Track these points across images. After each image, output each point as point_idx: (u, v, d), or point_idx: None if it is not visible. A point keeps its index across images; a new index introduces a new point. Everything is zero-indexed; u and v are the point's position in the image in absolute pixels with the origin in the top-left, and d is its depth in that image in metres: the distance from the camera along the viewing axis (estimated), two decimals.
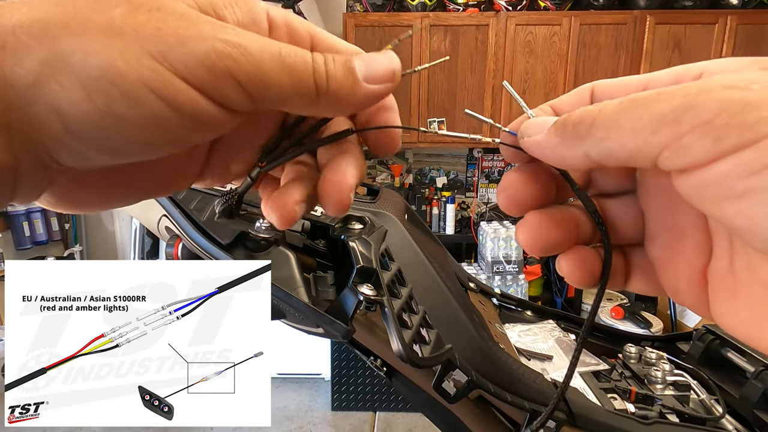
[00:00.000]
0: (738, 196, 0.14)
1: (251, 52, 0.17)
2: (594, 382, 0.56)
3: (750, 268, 0.17)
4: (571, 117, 0.18)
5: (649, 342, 0.70)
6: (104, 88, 0.16)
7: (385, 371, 0.52)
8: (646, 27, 2.60)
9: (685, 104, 0.14)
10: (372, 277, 0.37)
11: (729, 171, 0.14)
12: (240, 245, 0.39)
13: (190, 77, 0.17)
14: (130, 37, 0.16)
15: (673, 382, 0.57)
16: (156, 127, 0.17)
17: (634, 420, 0.45)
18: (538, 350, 0.62)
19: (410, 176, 3.21)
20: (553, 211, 0.22)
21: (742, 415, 0.55)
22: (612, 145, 0.16)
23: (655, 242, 0.21)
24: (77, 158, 0.18)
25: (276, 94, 0.18)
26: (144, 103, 0.16)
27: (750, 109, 0.13)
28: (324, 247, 0.46)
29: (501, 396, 0.42)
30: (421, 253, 0.49)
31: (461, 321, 0.46)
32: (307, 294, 0.38)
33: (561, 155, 0.19)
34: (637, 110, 0.16)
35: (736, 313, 0.18)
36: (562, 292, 2.81)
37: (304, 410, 2.27)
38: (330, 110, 0.20)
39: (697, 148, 0.14)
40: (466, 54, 2.71)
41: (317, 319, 0.36)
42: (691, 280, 0.20)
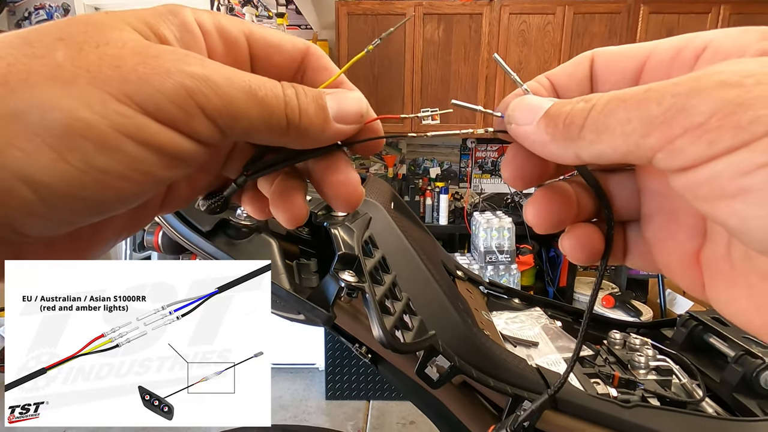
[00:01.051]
0: (731, 196, 0.14)
1: (220, 85, 0.17)
2: (578, 368, 0.57)
3: (748, 258, 0.17)
4: (561, 113, 0.18)
5: (634, 328, 0.71)
6: (76, 144, 0.14)
7: (370, 358, 0.52)
8: (640, 16, 2.59)
9: (676, 106, 0.14)
10: (354, 263, 0.37)
11: (721, 171, 0.13)
12: (221, 232, 0.38)
13: (161, 116, 0.16)
14: (87, 81, 0.15)
15: (656, 367, 0.58)
16: (140, 173, 0.16)
17: (616, 404, 0.46)
18: (525, 337, 0.63)
19: (404, 167, 3.21)
20: (557, 187, 0.22)
21: (722, 398, 0.56)
22: (604, 148, 0.16)
23: (649, 223, 0.21)
24: (50, 226, 0.16)
25: (245, 126, 0.18)
26: (124, 152, 0.15)
27: (743, 109, 0.13)
28: (308, 235, 0.46)
29: (484, 381, 0.42)
30: (405, 240, 0.49)
31: (445, 308, 0.46)
32: (289, 281, 0.38)
33: (551, 152, 0.18)
34: (626, 112, 0.15)
35: (734, 301, 0.18)
36: (554, 282, 2.83)
37: (299, 399, 2.28)
38: (296, 143, 0.20)
39: (691, 150, 0.14)
40: (460, 43, 2.69)
41: (298, 306, 0.35)
42: (683, 263, 0.20)
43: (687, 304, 2.39)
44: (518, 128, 0.19)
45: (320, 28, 2.92)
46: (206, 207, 0.23)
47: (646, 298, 2.72)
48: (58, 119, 0.14)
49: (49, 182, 0.14)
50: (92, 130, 0.15)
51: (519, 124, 0.19)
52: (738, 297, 0.17)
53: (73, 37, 0.15)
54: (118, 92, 0.15)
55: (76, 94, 0.14)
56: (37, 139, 0.14)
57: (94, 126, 0.15)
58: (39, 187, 0.14)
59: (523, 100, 0.20)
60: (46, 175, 0.14)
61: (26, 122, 0.14)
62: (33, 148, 0.14)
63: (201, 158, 0.18)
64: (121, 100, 0.15)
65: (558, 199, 0.21)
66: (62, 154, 0.14)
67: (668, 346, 0.66)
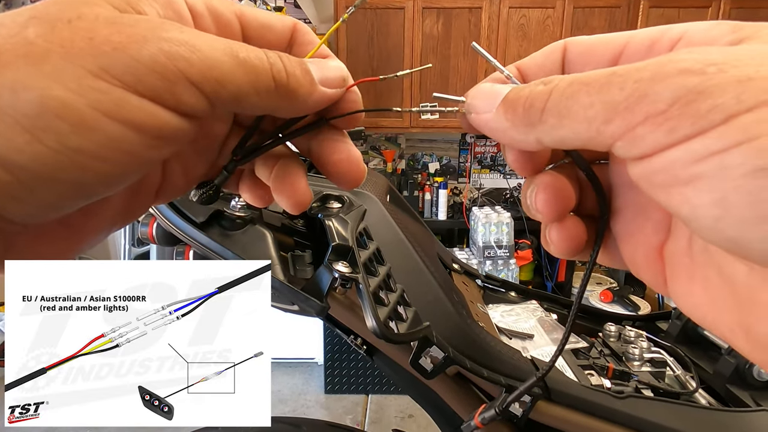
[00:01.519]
0: (683, 183, 0.14)
1: (201, 49, 0.16)
2: (572, 359, 0.57)
3: (706, 250, 0.17)
4: (521, 97, 0.17)
5: (629, 321, 0.72)
6: (50, 124, 0.14)
7: (365, 350, 0.52)
8: (640, 10, 2.58)
9: (638, 92, 0.14)
10: (348, 255, 0.37)
11: (677, 158, 0.13)
12: (215, 224, 0.38)
13: (141, 88, 0.15)
14: (60, 57, 0.14)
15: (650, 359, 0.58)
16: (120, 153, 0.15)
17: (609, 394, 0.46)
18: (520, 329, 0.63)
19: (403, 161, 3.20)
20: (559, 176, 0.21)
21: (716, 389, 0.57)
22: (565, 133, 0.16)
23: (619, 216, 0.21)
24: (35, 211, 0.15)
25: (233, 92, 0.17)
26: (100, 131, 0.15)
27: (704, 97, 0.13)
28: (303, 227, 0.46)
29: (477, 372, 0.43)
30: (400, 232, 0.49)
31: (440, 299, 0.47)
32: (283, 272, 0.38)
33: (512, 139, 0.18)
34: (589, 96, 0.15)
35: (692, 295, 0.18)
36: (552, 277, 2.84)
37: (298, 393, 2.29)
38: (285, 107, 0.19)
39: (650, 138, 0.14)
40: (459, 37, 2.67)
41: (293, 296, 0.36)
42: (648, 256, 0.20)
43: None
44: (478, 117, 0.19)
45: (319, 22, 2.91)
46: (198, 196, 0.23)
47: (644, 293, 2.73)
48: (31, 99, 0.14)
49: (25, 164, 0.14)
50: (67, 109, 0.14)
51: (478, 113, 0.19)
52: (695, 291, 0.17)
53: (46, 15, 0.15)
54: (93, 66, 0.14)
55: (49, 71, 0.14)
56: (9, 120, 0.14)
57: (69, 104, 0.14)
58: (14, 169, 0.14)
59: (480, 88, 0.19)
60: (21, 156, 0.14)
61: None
62: (5, 130, 0.14)
63: (189, 135, 0.17)
64: (96, 74, 0.14)
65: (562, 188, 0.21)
66: (36, 134, 0.14)
67: (663, 338, 0.66)
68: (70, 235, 0.19)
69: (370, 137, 3.11)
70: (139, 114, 0.15)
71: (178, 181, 0.23)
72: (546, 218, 0.21)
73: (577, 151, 0.21)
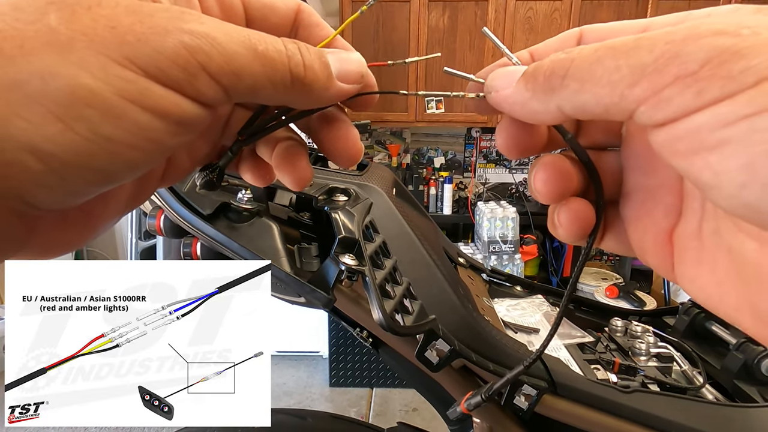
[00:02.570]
0: (709, 149, 0.13)
1: (220, 42, 0.16)
2: (578, 354, 0.57)
3: (717, 232, 0.17)
4: (542, 66, 0.17)
5: (636, 316, 0.71)
6: (81, 112, 0.14)
7: (371, 342, 0.52)
8: (649, 3, 2.54)
9: (669, 53, 0.13)
10: (354, 247, 0.37)
11: (703, 123, 0.13)
12: (222, 216, 0.39)
13: (164, 79, 0.15)
14: (84, 46, 0.14)
15: (657, 354, 0.58)
16: (147, 141, 0.16)
17: (615, 389, 0.46)
18: (526, 324, 0.63)
19: (408, 156, 3.19)
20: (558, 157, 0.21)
21: (723, 385, 0.56)
22: (587, 98, 0.15)
23: (628, 200, 0.21)
24: (62, 198, 0.16)
25: (249, 84, 0.17)
26: (130, 119, 0.15)
27: (737, 58, 0.12)
28: (309, 220, 0.46)
29: (483, 365, 0.43)
30: (407, 225, 0.49)
31: (446, 292, 0.47)
32: (290, 265, 0.38)
33: (532, 110, 0.18)
34: (615, 59, 0.15)
35: (699, 277, 0.18)
36: (558, 272, 2.83)
37: (303, 386, 2.31)
38: (300, 100, 0.19)
39: (677, 101, 0.13)
40: (465, 30, 2.65)
41: (299, 288, 0.36)
42: (657, 241, 0.20)
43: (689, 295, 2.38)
44: (497, 94, 0.19)
45: (325, 15, 2.89)
46: (202, 179, 0.23)
47: (650, 289, 2.71)
48: (61, 87, 0.14)
49: (58, 153, 0.14)
50: (96, 98, 0.14)
51: (498, 91, 0.19)
52: (702, 273, 0.18)
53: (64, 0, 0.15)
54: (117, 55, 0.14)
55: (76, 60, 0.14)
56: (41, 109, 0.14)
57: (98, 93, 0.14)
58: (47, 157, 0.14)
59: (501, 70, 0.20)
60: (54, 145, 0.14)
61: (27, 91, 0.13)
62: (38, 118, 0.14)
63: (205, 122, 0.17)
64: (121, 63, 0.14)
65: (563, 169, 0.21)
66: (69, 123, 0.14)
67: (670, 333, 0.66)
68: (88, 220, 0.19)
69: (375, 131, 3.10)
70: (163, 102, 0.15)
71: (183, 164, 0.23)
72: (544, 197, 0.21)
73: (572, 134, 0.21)
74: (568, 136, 0.21)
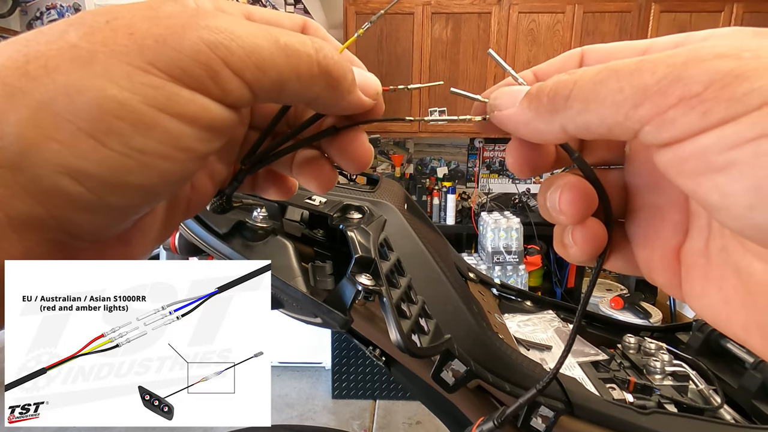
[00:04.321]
0: (716, 170, 0.13)
1: (239, 35, 0.15)
2: (593, 372, 0.56)
3: (724, 250, 0.17)
4: (546, 87, 0.17)
5: (648, 332, 0.71)
6: (111, 125, 0.14)
7: (384, 361, 0.52)
8: (651, 15, 2.56)
9: (671, 75, 0.14)
10: (370, 266, 0.37)
11: (710, 145, 0.13)
12: (237, 234, 0.38)
13: (188, 80, 0.15)
14: (106, 57, 0.14)
15: (672, 372, 0.57)
16: (179, 150, 0.15)
17: (632, 410, 0.45)
18: (538, 340, 0.62)
19: (411, 166, 3.20)
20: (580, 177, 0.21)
21: (741, 405, 0.55)
22: (591, 119, 0.16)
23: (634, 219, 0.21)
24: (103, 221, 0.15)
25: (274, 78, 0.16)
26: (159, 128, 0.14)
27: (740, 80, 0.13)
28: (323, 237, 0.46)
29: (500, 386, 0.42)
30: (420, 243, 0.48)
31: (460, 311, 0.46)
32: (305, 283, 0.38)
33: (536, 129, 0.18)
34: (618, 81, 0.15)
35: (706, 295, 0.18)
36: (562, 283, 2.82)
37: (305, 398, 2.29)
38: (326, 98, 0.19)
39: (682, 122, 0.14)
40: (468, 42, 2.67)
41: (315, 309, 0.35)
42: (664, 259, 0.19)
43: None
44: (501, 114, 0.19)
45: (328, 28, 2.92)
46: (212, 205, 0.23)
47: (655, 300, 2.69)
48: (89, 101, 0.13)
49: (93, 171, 0.14)
50: (125, 108, 0.14)
51: (501, 110, 0.19)
52: (710, 291, 0.17)
53: (83, 20, 0.15)
54: (140, 61, 0.14)
55: (99, 72, 0.14)
56: (71, 127, 0.13)
57: (126, 103, 0.14)
58: (84, 178, 0.14)
59: (504, 89, 0.20)
60: (89, 163, 0.14)
61: (55, 110, 0.13)
62: (69, 138, 0.13)
63: (234, 127, 0.17)
64: (145, 69, 0.14)
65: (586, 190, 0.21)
66: (100, 139, 0.14)
67: (683, 350, 0.65)
68: (126, 253, 0.19)
69: (379, 142, 3.11)
70: (191, 107, 0.15)
71: (206, 189, 0.23)
72: (570, 219, 0.20)
73: (578, 153, 0.21)
74: (575, 155, 0.21)
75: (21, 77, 0.13)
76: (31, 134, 0.13)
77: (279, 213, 0.42)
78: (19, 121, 0.13)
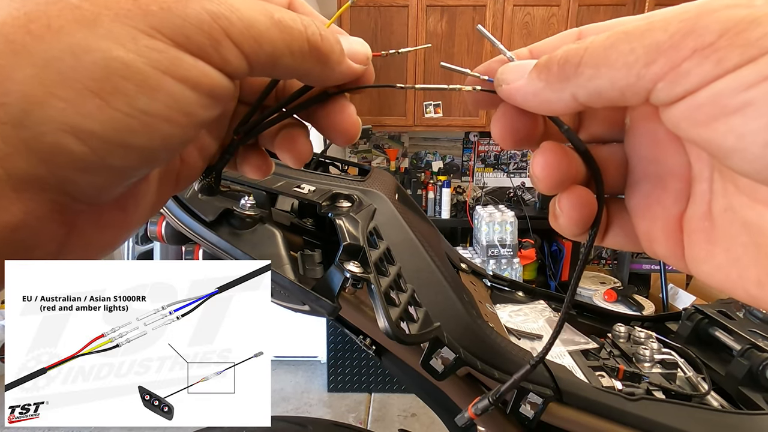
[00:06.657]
0: (731, 112, 0.13)
1: (238, 8, 0.16)
2: (582, 361, 0.57)
3: (729, 209, 0.17)
4: (555, 57, 0.17)
5: (638, 322, 0.71)
6: (117, 86, 0.14)
7: (374, 350, 0.52)
8: (645, 8, 2.56)
9: (684, 29, 0.14)
10: (359, 254, 0.37)
11: (724, 88, 0.13)
12: (224, 222, 0.38)
13: (192, 47, 0.15)
14: (111, 19, 0.14)
15: (661, 360, 0.58)
16: (181, 114, 0.15)
17: (621, 396, 0.46)
18: (529, 330, 0.62)
19: (406, 160, 3.19)
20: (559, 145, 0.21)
21: (728, 392, 0.56)
22: (602, 83, 0.16)
23: (635, 191, 0.21)
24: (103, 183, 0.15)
25: (269, 52, 0.17)
26: (163, 90, 0.15)
27: (754, 26, 0.13)
28: (312, 226, 0.46)
29: (488, 373, 0.42)
30: (410, 231, 0.48)
31: (450, 299, 0.46)
32: (293, 272, 0.38)
33: (545, 100, 0.18)
34: (629, 43, 0.15)
35: (712, 257, 0.18)
36: (556, 276, 2.83)
37: (301, 392, 2.30)
38: (316, 74, 0.19)
39: (696, 72, 0.14)
40: (463, 35, 2.66)
41: (303, 297, 0.35)
42: (666, 228, 0.19)
43: (689, 298, 2.39)
44: (509, 86, 0.19)
45: None
46: (200, 183, 0.23)
47: (648, 293, 2.72)
48: (95, 61, 0.13)
49: (98, 130, 0.14)
50: (130, 69, 0.14)
51: (509, 83, 0.19)
52: (716, 252, 0.17)
53: None
54: (144, 26, 0.14)
55: (105, 33, 0.14)
56: (77, 85, 0.13)
57: (132, 64, 0.14)
58: (88, 137, 0.14)
59: (511, 63, 0.20)
60: (94, 122, 0.14)
61: (60, 68, 0.13)
62: (75, 96, 0.13)
63: (230, 96, 0.17)
64: (149, 33, 0.14)
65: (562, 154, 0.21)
66: (106, 98, 0.14)
67: (673, 339, 0.65)
68: (123, 218, 0.19)
69: (373, 135, 3.10)
70: (194, 72, 0.15)
71: (195, 163, 0.23)
72: (544, 182, 0.20)
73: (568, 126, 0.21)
74: (565, 128, 0.21)
75: (25, 35, 0.13)
76: (37, 92, 0.13)
77: (268, 202, 0.41)
78: (25, 79, 0.13)
